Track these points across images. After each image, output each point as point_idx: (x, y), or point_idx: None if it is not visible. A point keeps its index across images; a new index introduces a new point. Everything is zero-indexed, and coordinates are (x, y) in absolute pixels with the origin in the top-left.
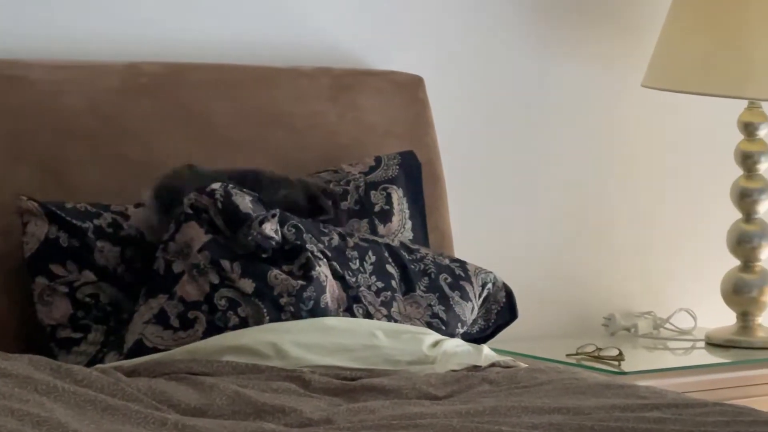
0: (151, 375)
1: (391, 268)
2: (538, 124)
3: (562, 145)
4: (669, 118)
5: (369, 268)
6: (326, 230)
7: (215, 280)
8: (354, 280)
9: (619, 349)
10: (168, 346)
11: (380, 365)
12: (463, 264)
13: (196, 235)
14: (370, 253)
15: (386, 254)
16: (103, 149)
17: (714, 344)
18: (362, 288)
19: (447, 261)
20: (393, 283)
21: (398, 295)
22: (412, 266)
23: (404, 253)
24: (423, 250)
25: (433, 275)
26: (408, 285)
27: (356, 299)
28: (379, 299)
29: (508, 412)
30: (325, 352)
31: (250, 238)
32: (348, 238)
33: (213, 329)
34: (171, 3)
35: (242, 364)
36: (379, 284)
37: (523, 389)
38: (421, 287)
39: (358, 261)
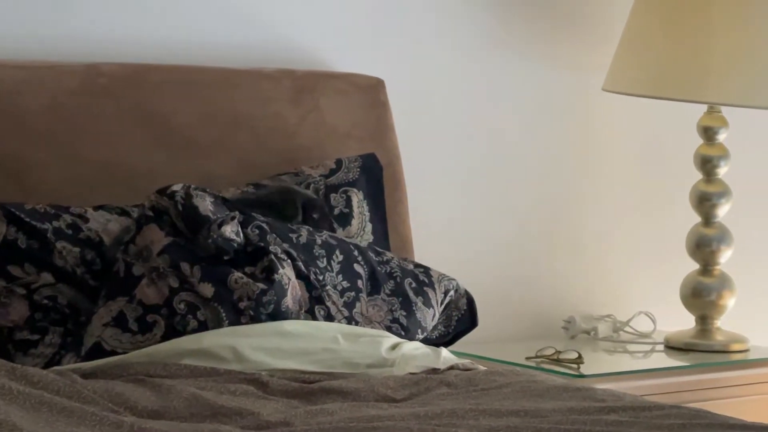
0: (109, 378)
1: (359, 268)
2: (499, 127)
3: (522, 148)
4: (629, 122)
5: (336, 266)
6: (294, 227)
7: (175, 283)
8: (321, 278)
9: (578, 352)
10: (126, 350)
11: (339, 368)
12: (427, 270)
13: (156, 237)
14: (337, 251)
15: (355, 253)
16: (62, 150)
17: (673, 347)
18: (328, 287)
19: (411, 266)
20: (359, 283)
21: (363, 296)
22: (380, 268)
23: (372, 255)
24: (388, 254)
25: (398, 279)
26: (374, 286)
27: (319, 300)
28: (343, 299)
29: (465, 415)
30: (284, 356)
31: (210, 240)
32: (317, 236)
33: (172, 333)
34: (131, 4)
35: (200, 368)
36: (345, 284)
37: (482, 392)
38: (386, 290)
39: (325, 259)
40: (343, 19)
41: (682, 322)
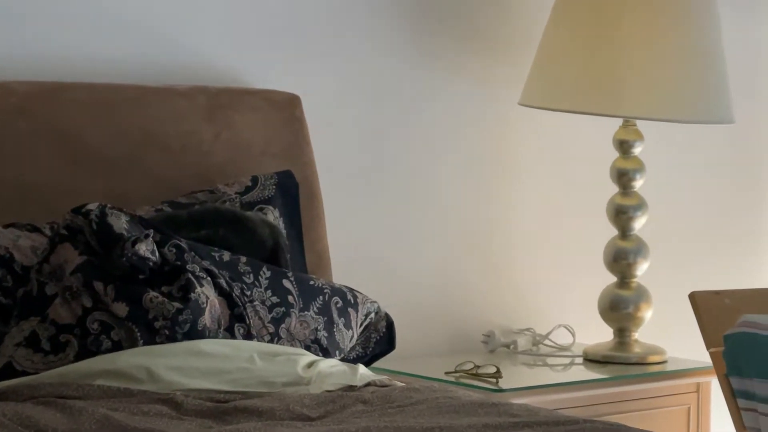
0: (20, 398)
1: (288, 284)
2: (416, 142)
3: (440, 163)
4: (546, 136)
5: (264, 282)
6: (216, 248)
7: (88, 303)
8: (249, 293)
9: (497, 367)
10: (38, 370)
11: (255, 387)
12: (352, 290)
13: (69, 256)
14: (264, 268)
15: (284, 269)
16: None
17: (591, 360)
18: (256, 302)
19: (338, 285)
20: (290, 298)
21: (294, 311)
22: (311, 282)
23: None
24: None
25: (327, 296)
26: (305, 301)
27: (240, 318)
28: (271, 315)
29: None
30: (199, 375)
31: (124, 259)
32: (241, 255)
33: (85, 353)
34: (43, 22)
35: (114, 388)
36: (274, 299)
37: (397, 409)
38: (315, 307)
39: (251, 275)
40: (258, 35)
41: (601, 334)
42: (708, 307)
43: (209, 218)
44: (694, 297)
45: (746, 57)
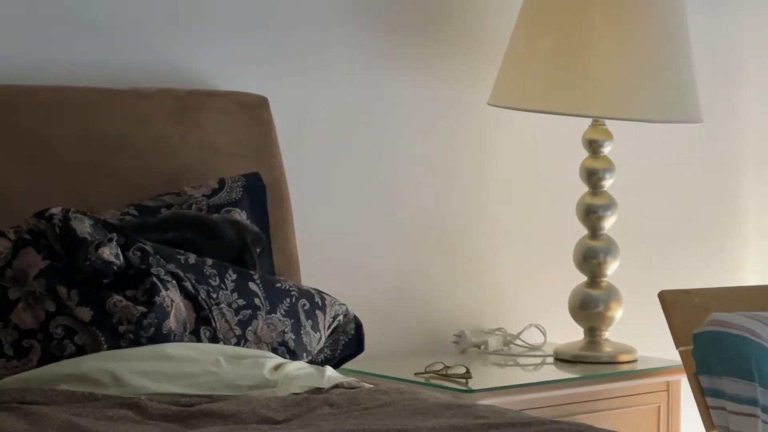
0: None
1: (254, 286)
2: (385, 143)
3: (410, 164)
4: (515, 136)
5: (230, 285)
6: (182, 251)
7: (51, 307)
8: (215, 296)
9: (466, 367)
10: (1, 375)
11: (221, 391)
12: (320, 293)
13: (33, 261)
14: (230, 271)
15: (251, 272)
16: None
17: (562, 360)
18: (222, 305)
19: (305, 287)
20: (257, 301)
21: (261, 314)
22: (278, 285)
23: (268, 275)
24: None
25: (294, 298)
26: (272, 304)
27: (206, 321)
28: (238, 317)
29: None
30: (164, 379)
31: (87, 263)
32: (207, 258)
33: (49, 358)
34: (5, 24)
35: (78, 393)
36: (241, 302)
37: (364, 411)
38: (282, 309)
39: (217, 278)
40: (226, 37)
41: (572, 334)
42: (677, 306)
43: (175, 222)
44: (663, 296)
45: (716, 56)
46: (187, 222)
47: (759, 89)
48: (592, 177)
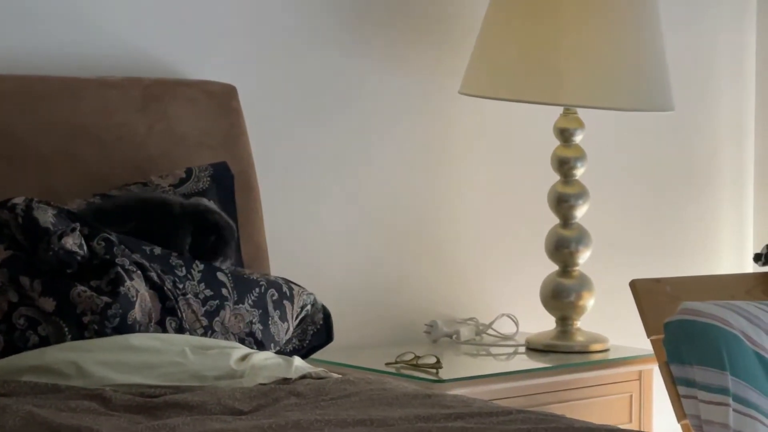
0: None
1: (222, 276)
2: (356, 131)
3: (381, 152)
4: (486, 124)
5: (197, 275)
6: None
7: (14, 298)
8: (182, 286)
9: (437, 357)
10: None
11: (187, 381)
12: (289, 282)
13: None
14: (197, 261)
15: (217, 263)
16: None
17: (534, 349)
18: (189, 295)
19: (273, 277)
20: (224, 291)
21: (229, 304)
22: (246, 275)
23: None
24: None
25: (263, 288)
26: (240, 294)
27: (171, 311)
28: (205, 308)
29: (311, 426)
30: (129, 370)
31: (50, 253)
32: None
33: (12, 349)
34: None
35: (41, 384)
36: (208, 292)
37: (330, 401)
38: (250, 300)
39: (183, 268)
40: (193, 25)
41: (544, 323)
42: (649, 295)
43: (135, 210)
44: (635, 285)
45: (689, 44)
46: (146, 209)
47: (732, 76)
48: (564, 166)
